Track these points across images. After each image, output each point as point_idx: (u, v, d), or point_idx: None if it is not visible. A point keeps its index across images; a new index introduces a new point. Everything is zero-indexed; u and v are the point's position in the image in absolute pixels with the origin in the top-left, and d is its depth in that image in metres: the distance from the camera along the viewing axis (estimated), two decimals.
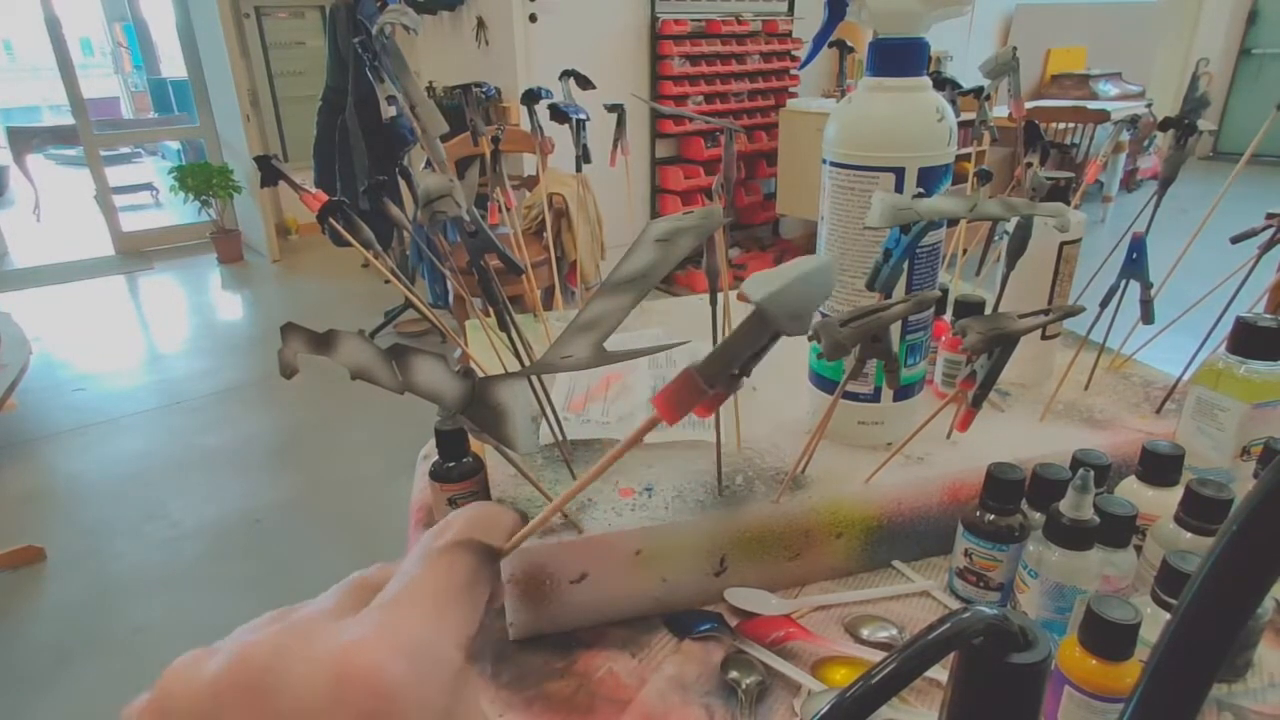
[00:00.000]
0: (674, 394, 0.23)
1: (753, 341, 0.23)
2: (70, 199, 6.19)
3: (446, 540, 0.24)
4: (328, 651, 0.20)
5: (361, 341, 0.31)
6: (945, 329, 0.77)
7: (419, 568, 0.24)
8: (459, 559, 0.24)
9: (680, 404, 0.23)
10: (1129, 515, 0.52)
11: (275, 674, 0.20)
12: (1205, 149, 6.48)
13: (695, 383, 0.23)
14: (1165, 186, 0.73)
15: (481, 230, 0.56)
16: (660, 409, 0.24)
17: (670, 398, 0.23)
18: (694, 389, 0.23)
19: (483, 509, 0.27)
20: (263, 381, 2.99)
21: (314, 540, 2.09)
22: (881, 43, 0.59)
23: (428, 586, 0.23)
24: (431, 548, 0.24)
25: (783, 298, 0.23)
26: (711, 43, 3.85)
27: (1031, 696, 0.22)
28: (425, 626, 0.21)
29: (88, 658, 1.70)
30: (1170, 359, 0.77)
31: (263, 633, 0.22)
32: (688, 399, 0.23)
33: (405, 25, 0.58)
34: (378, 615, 0.22)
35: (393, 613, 0.22)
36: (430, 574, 0.23)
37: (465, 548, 0.24)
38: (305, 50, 4.87)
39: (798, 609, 0.60)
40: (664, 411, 0.24)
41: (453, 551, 0.24)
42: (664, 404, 0.24)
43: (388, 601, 0.22)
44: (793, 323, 0.23)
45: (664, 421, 0.24)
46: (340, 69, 3.02)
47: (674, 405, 0.23)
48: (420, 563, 0.24)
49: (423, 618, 0.22)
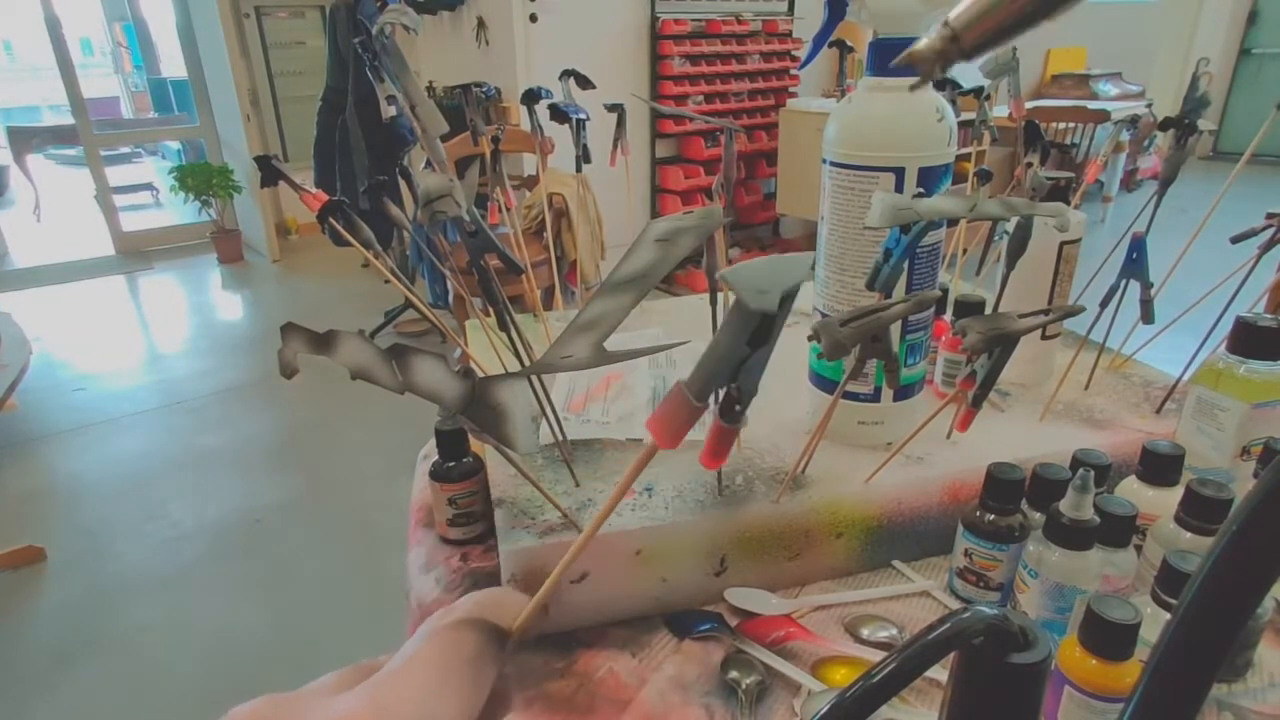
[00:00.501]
0: (666, 415, 0.22)
1: (734, 333, 0.22)
2: (70, 199, 6.19)
3: (452, 619, 0.23)
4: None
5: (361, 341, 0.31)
6: (945, 329, 0.77)
7: (421, 644, 0.22)
8: (464, 636, 0.22)
9: (674, 423, 0.22)
10: (1129, 515, 0.52)
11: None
12: (1205, 149, 6.48)
13: (684, 398, 0.22)
14: (1165, 186, 0.73)
15: (481, 230, 0.56)
16: (655, 434, 0.22)
17: (663, 418, 0.22)
18: (685, 405, 0.22)
19: (490, 592, 0.25)
20: (263, 381, 2.99)
21: (314, 540, 2.09)
22: (881, 43, 0.59)
23: (429, 661, 0.21)
24: (436, 626, 0.23)
25: (747, 271, 0.21)
26: (711, 43, 3.85)
27: (1031, 696, 0.22)
28: (422, 703, 0.20)
29: (88, 658, 1.70)
30: (1170, 359, 0.77)
31: (250, 705, 0.20)
32: (680, 417, 0.22)
33: (405, 25, 0.58)
34: (372, 689, 0.20)
35: (389, 687, 0.20)
36: (432, 649, 0.22)
37: (471, 625, 0.23)
38: (305, 50, 4.87)
39: (798, 609, 0.60)
40: (659, 437, 0.22)
41: (458, 628, 0.23)
42: (657, 427, 0.22)
43: (385, 676, 0.21)
44: (758, 295, 0.21)
45: (661, 448, 0.23)
46: (340, 69, 3.02)
47: (668, 427, 0.22)
48: (423, 639, 0.22)
49: (421, 694, 0.20)
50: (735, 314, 0.22)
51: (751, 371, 0.23)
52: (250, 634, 1.74)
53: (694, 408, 0.22)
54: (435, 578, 0.65)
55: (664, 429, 0.22)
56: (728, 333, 0.22)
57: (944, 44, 0.20)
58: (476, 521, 0.67)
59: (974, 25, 0.20)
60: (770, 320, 0.21)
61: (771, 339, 0.22)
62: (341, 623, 1.78)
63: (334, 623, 1.78)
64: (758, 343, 0.22)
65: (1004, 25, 0.19)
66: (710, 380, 0.22)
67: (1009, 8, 0.19)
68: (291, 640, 1.73)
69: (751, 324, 0.21)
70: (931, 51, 0.20)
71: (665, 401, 0.23)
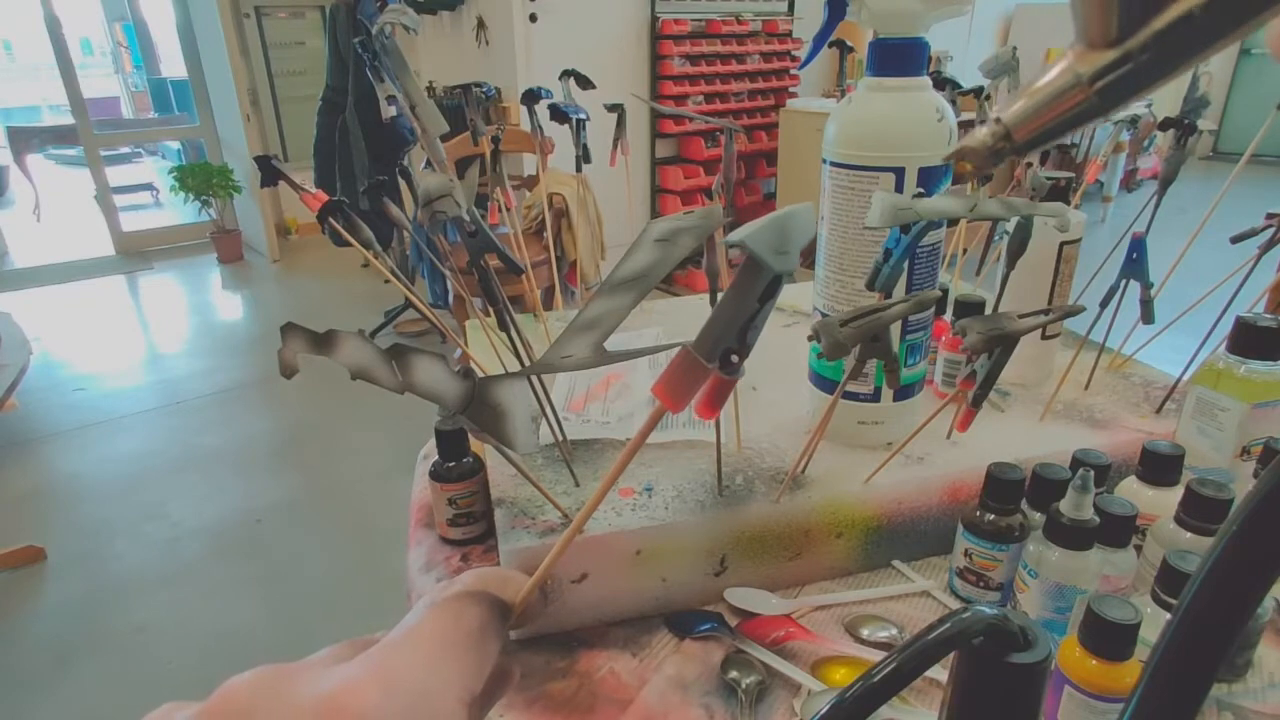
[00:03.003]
0: (673, 376, 0.22)
1: (744, 294, 0.22)
2: (70, 199, 6.19)
3: (455, 590, 0.22)
4: (314, 693, 0.18)
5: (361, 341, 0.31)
6: (945, 329, 0.77)
7: (423, 615, 0.21)
8: (468, 608, 0.22)
9: (682, 386, 0.22)
10: (1129, 515, 0.52)
11: (257, 713, 0.18)
12: (1205, 149, 6.48)
13: (693, 360, 0.22)
14: (1165, 186, 0.73)
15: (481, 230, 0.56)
16: (662, 397, 0.22)
17: (671, 381, 0.22)
18: (694, 367, 0.22)
19: (493, 569, 0.25)
20: (263, 381, 2.99)
21: (314, 540, 2.09)
22: (881, 43, 0.59)
23: (431, 632, 0.21)
24: (439, 598, 0.22)
25: (764, 234, 0.21)
26: (711, 43, 3.85)
27: (1031, 696, 0.22)
28: (425, 674, 0.19)
29: (88, 658, 1.70)
30: (1170, 359, 0.77)
31: (247, 675, 0.19)
32: (689, 379, 0.22)
33: (405, 25, 0.58)
34: (373, 659, 0.19)
35: (390, 656, 0.20)
36: (435, 621, 0.21)
37: (475, 598, 0.22)
38: (305, 50, 4.87)
39: (798, 609, 0.60)
40: (666, 399, 0.22)
41: (461, 600, 0.22)
42: (665, 390, 0.22)
43: (386, 646, 0.20)
44: (779, 258, 0.21)
45: (670, 411, 0.23)
46: (340, 69, 3.02)
47: (675, 389, 0.22)
48: (425, 610, 0.22)
49: (424, 664, 0.19)
50: (748, 275, 0.22)
51: (756, 327, 0.23)
52: (250, 634, 1.74)
53: (703, 369, 0.22)
54: (435, 578, 0.65)
55: (672, 392, 0.22)
56: (738, 292, 0.22)
57: (996, 140, 0.20)
58: (476, 521, 0.67)
59: (1027, 123, 0.20)
60: (783, 278, 0.22)
61: (778, 293, 0.22)
62: (341, 623, 1.78)
63: (334, 623, 1.78)
64: (767, 298, 0.22)
65: (1059, 123, 0.19)
66: (720, 340, 0.22)
67: (1063, 106, 0.19)
68: (291, 640, 1.73)
69: (765, 282, 0.22)
70: (984, 148, 0.20)
71: (672, 366, 0.22)
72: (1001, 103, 0.82)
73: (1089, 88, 0.18)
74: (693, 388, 0.22)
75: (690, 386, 0.22)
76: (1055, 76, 0.19)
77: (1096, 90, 0.18)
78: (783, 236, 0.22)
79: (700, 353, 0.22)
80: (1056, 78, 0.19)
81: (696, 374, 0.22)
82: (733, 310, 0.22)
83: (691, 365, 0.22)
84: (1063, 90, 0.19)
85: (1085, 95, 0.18)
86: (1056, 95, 0.19)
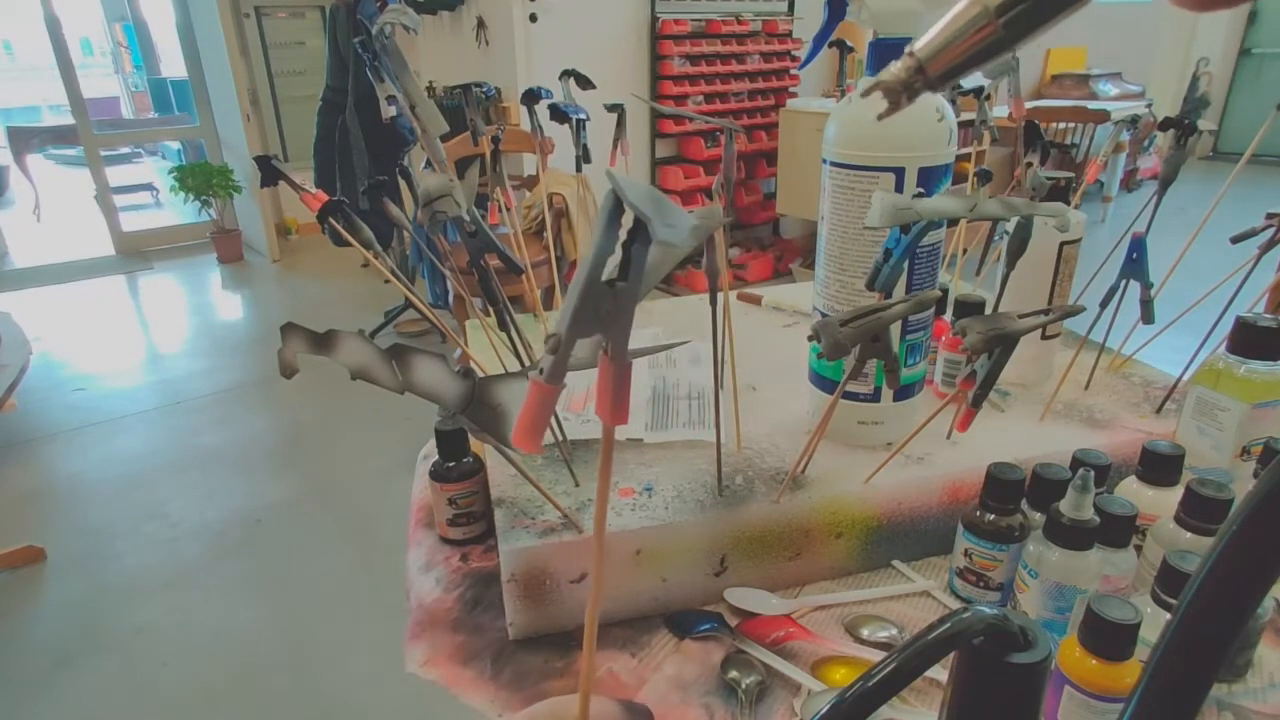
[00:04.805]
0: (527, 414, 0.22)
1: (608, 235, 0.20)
2: (70, 199, 6.19)
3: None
4: None
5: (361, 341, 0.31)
6: (945, 329, 0.77)
7: None
8: None
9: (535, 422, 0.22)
10: (1129, 515, 0.52)
11: None
12: (1205, 149, 6.47)
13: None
14: (1165, 186, 0.73)
15: (481, 230, 0.56)
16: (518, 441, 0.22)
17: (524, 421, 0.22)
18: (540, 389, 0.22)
19: (544, 705, 0.25)
20: (263, 381, 2.99)
21: (314, 540, 2.09)
22: (881, 43, 0.59)
23: None
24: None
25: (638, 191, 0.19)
26: (711, 43, 3.85)
27: (1031, 696, 0.22)
28: None
29: (88, 658, 1.70)
30: (1170, 359, 0.77)
31: None
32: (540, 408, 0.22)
33: (405, 25, 0.58)
34: None
35: None
36: None
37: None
38: (305, 50, 4.87)
39: (798, 609, 0.60)
40: (521, 441, 0.22)
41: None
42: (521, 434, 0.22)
43: None
44: (658, 224, 0.19)
45: (525, 451, 0.22)
46: (340, 69, 3.02)
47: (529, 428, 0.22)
48: None
49: None
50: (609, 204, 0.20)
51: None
52: (250, 634, 1.74)
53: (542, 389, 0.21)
54: (435, 578, 0.65)
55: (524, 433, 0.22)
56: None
57: (909, 74, 0.20)
58: (476, 521, 0.67)
59: (939, 56, 0.20)
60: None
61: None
62: (341, 623, 1.78)
63: (334, 623, 1.78)
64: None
65: (970, 55, 0.19)
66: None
67: (973, 38, 0.19)
68: (291, 640, 1.73)
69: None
70: (897, 82, 0.20)
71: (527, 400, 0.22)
72: (999, 97, 0.82)
73: (996, 20, 0.19)
74: (544, 414, 0.22)
75: (543, 414, 0.22)
76: (964, 8, 0.19)
77: (1003, 22, 0.19)
78: (661, 209, 0.20)
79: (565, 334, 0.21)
80: (965, 9, 0.19)
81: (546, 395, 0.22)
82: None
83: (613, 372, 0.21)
84: (971, 22, 0.19)
85: (994, 27, 0.19)
86: (966, 28, 0.19)
